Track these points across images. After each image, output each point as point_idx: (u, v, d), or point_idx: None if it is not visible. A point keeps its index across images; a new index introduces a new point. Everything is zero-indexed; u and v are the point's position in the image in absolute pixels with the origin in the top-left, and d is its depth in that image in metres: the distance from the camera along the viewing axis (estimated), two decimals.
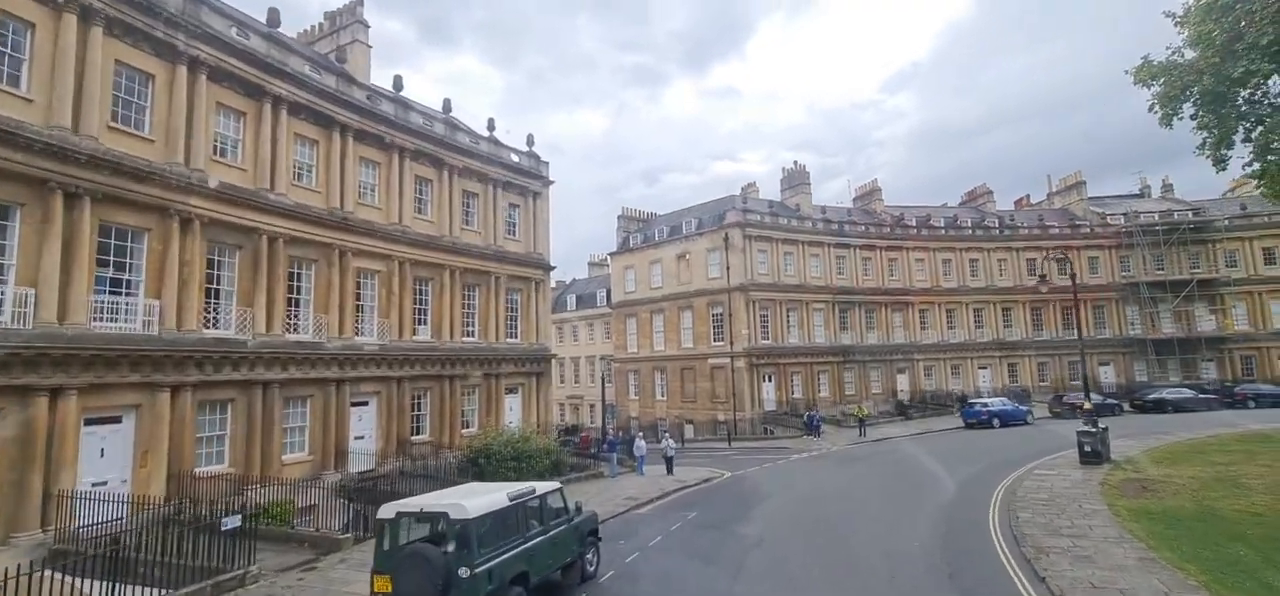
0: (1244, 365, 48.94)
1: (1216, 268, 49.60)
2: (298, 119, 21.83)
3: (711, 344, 45.15)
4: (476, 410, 27.80)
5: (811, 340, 45.65)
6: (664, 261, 49.62)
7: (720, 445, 38.57)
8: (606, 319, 56.84)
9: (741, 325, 43.13)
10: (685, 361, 46.74)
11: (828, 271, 47.32)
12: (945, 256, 51.11)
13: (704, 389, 45.14)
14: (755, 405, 42.60)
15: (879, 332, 48.52)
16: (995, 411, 35.72)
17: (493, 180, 29.59)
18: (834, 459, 28.25)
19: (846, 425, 40.37)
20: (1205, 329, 48.98)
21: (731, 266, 44.01)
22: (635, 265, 52.15)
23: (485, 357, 27.84)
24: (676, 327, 47.90)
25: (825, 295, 46.70)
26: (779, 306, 44.76)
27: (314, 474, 20.65)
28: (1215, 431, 27.97)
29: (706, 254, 46.23)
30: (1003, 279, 51.50)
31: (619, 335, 53.03)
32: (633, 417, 50.56)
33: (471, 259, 27.95)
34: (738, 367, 42.93)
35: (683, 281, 47.82)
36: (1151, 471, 19.38)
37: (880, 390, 47.87)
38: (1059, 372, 50.79)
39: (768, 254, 45.22)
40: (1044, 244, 52.01)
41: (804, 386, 44.86)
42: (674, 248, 48.98)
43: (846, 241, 48.40)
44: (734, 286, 43.60)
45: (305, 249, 21.54)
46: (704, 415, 44.70)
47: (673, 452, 24.62)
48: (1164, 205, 54.14)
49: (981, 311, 51.07)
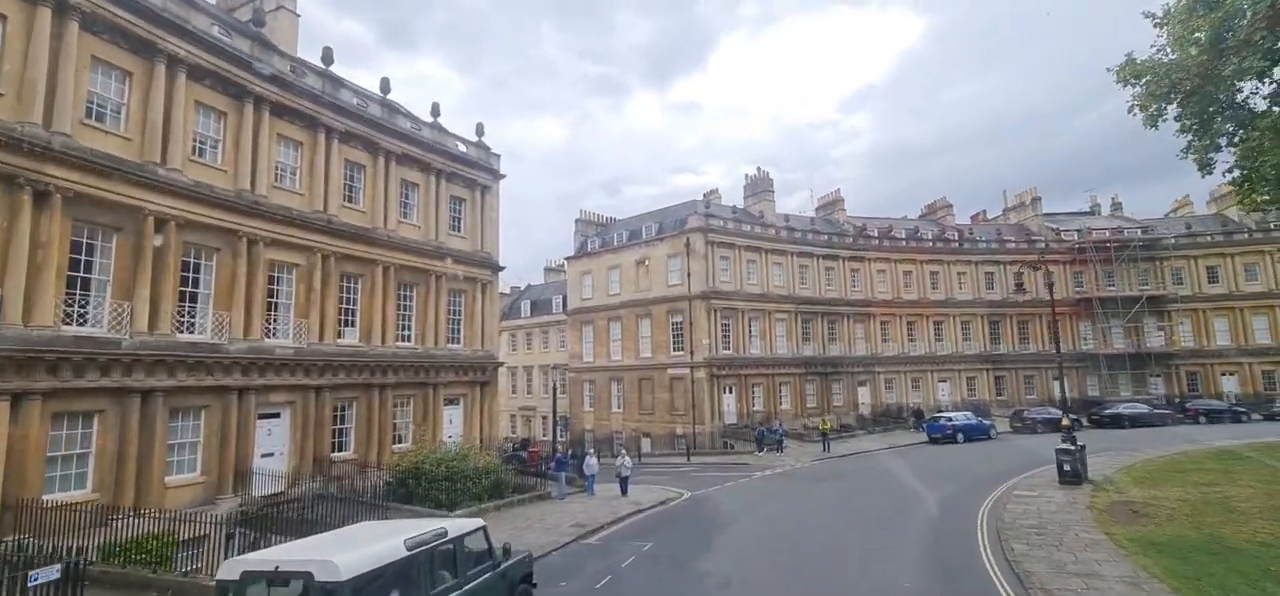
0: (1189, 380, 49.94)
1: (1164, 285, 50.60)
2: (201, 85, 18.88)
3: (671, 354, 43.20)
4: (411, 423, 24.98)
5: (774, 351, 44.23)
6: (623, 267, 47.52)
7: (679, 459, 36.55)
8: (562, 326, 54.31)
9: (702, 334, 41.35)
10: (643, 372, 44.65)
11: (791, 281, 46.08)
12: (907, 268, 50.64)
13: (662, 400, 43.11)
14: (715, 418, 40.79)
15: (841, 344, 47.52)
16: (959, 426, 34.82)
17: (436, 170, 26.96)
18: (800, 477, 26.53)
19: (809, 439, 38.94)
20: (1154, 345, 49.80)
21: (692, 273, 42.24)
22: (593, 270, 49.88)
23: (422, 365, 25.10)
24: (635, 336, 45.79)
25: (788, 305, 45.41)
26: (741, 315, 43.19)
27: (207, 498, 17.63)
28: (1182, 448, 27.47)
29: (667, 260, 44.36)
30: (962, 292, 51.36)
31: (575, 343, 50.58)
32: (587, 430, 48.10)
33: (409, 255, 25.23)
34: (698, 379, 41.07)
35: (642, 288, 45.81)
36: (1136, 493, 18.22)
37: (842, 403, 46.80)
38: (1015, 387, 50.82)
39: (730, 261, 43.66)
40: (1002, 258, 52.23)
41: (766, 399, 43.33)
42: (633, 253, 46.96)
43: (810, 250, 47.33)
44: (695, 294, 41.82)
45: (205, 235, 18.54)
46: (662, 428, 42.65)
47: (628, 473, 22.42)
48: (1114, 222, 55.21)
49: (942, 325, 50.74)
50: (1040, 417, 37.78)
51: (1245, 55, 16.09)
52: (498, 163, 30.55)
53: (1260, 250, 49.87)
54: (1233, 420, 39.16)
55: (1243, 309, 49.59)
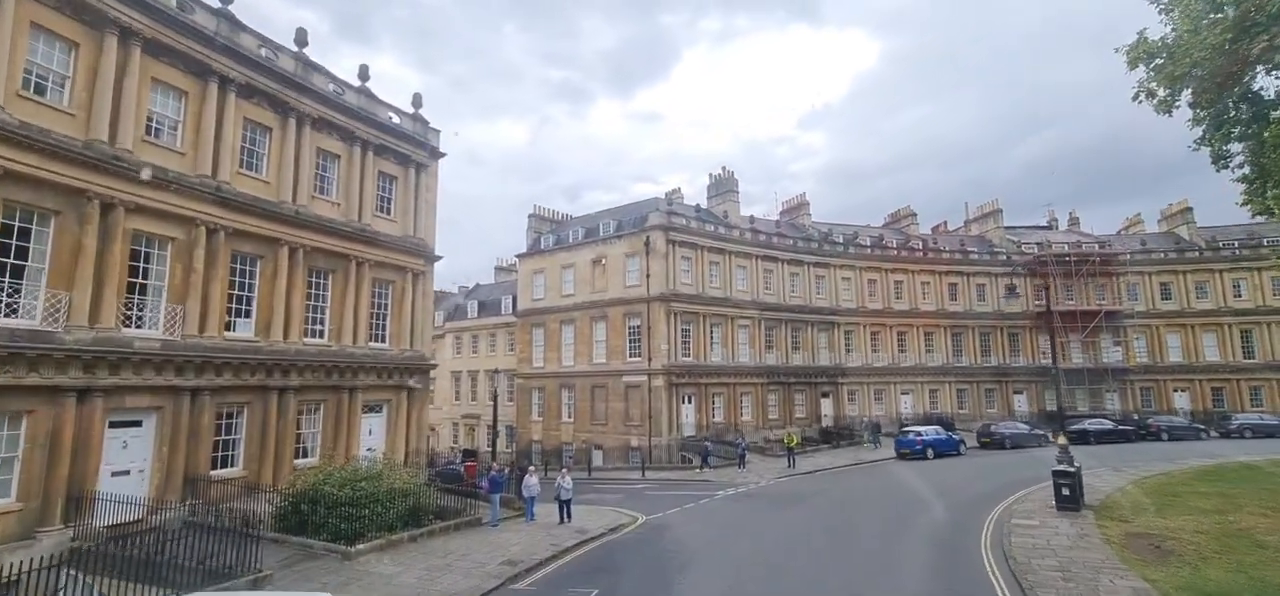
0: (1143, 396, 50.04)
1: (1120, 300, 50.67)
2: (42, 5, 14.96)
3: (626, 359, 40.22)
4: (320, 435, 21.22)
5: (736, 359, 41.79)
6: (577, 266, 44.36)
7: (633, 475, 33.53)
8: (511, 328, 50.67)
9: (661, 339, 38.54)
10: (596, 378, 41.52)
11: (754, 285, 43.82)
12: (871, 276, 49.18)
13: (616, 410, 40.04)
14: (673, 429, 37.98)
15: (804, 354, 45.51)
16: (929, 441, 33.01)
17: (361, 141, 23.34)
18: (767, 499, 23.88)
19: (771, 453, 36.54)
20: (1111, 360, 49.68)
21: (652, 273, 39.45)
22: (546, 269, 46.54)
23: (336, 365, 21.39)
24: (588, 340, 42.64)
25: (751, 311, 43.11)
26: (702, 320, 40.61)
27: (22, 531, 13.64)
28: (1162, 468, 26.12)
29: (625, 259, 41.45)
30: (926, 303, 50.22)
31: (524, 347, 47.04)
32: (535, 441, 44.60)
33: (324, 236, 21.54)
34: (655, 387, 38.21)
35: (597, 289, 42.74)
36: (1145, 522, 16.22)
37: (804, 415, 44.74)
38: (976, 400, 49.89)
39: (692, 262, 41.07)
40: (966, 269, 51.42)
41: (726, 409, 40.81)
42: (589, 251, 43.87)
43: (774, 254, 45.23)
44: (654, 296, 39.01)
45: (37, 194, 14.60)
46: (615, 440, 39.57)
47: (568, 494, 19.21)
48: (1073, 237, 55.28)
49: (905, 336, 49.43)
50: (1008, 432, 36.44)
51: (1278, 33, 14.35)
52: (437, 140, 27.06)
53: (1210, 268, 50.48)
54: (1193, 437, 38.74)
55: (1194, 326, 50.04)
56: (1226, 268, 50.18)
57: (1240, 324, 49.22)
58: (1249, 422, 39.07)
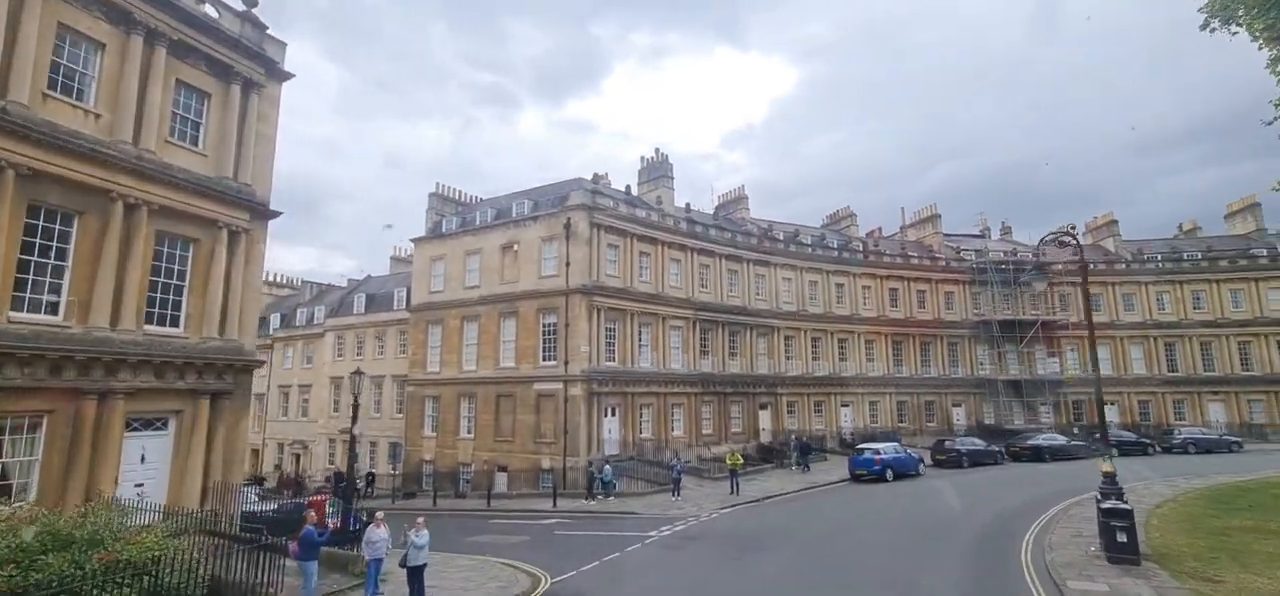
0: (1074, 409, 48.94)
1: (1054, 311, 49.51)
2: None
3: (539, 363, 33.78)
4: (41, 464, 13.54)
5: (667, 365, 36.29)
6: (485, 252, 37.50)
7: (542, 505, 27.11)
8: (403, 326, 42.86)
9: (581, 339, 32.42)
10: (503, 385, 34.78)
11: (689, 282, 38.60)
12: (812, 278, 45.28)
13: (526, 424, 33.45)
14: (594, 446, 31.88)
15: (742, 360, 40.73)
16: (889, 461, 28.73)
17: (147, 29, 15.88)
18: (716, 543, 18.25)
19: (709, 476, 31.16)
20: (1047, 371, 48.23)
21: (573, 261, 33.32)
22: (446, 256, 39.32)
23: (73, 356, 13.83)
24: (495, 340, 35.83)
25: (685, 310, 37.82)
26: (630, 319, 34.85)
27: None
28: (1160, 490, 22.71)
29: (541, 245, 35.08)
30: (866, 308, 46.93)
31: (417, 347, 39.48)
32: (426, 461, 37.12)
33: (66, 159, 14.00)
34: (573, 396, 32.00)
35: (508, 280, 36.08)
36: (1236, 581, 11.80)
37: (741, 429, 39.86)
38: (916, 413, 46.98)
39: (619, 252, 35.29)
40: (906, 274, 48.68)
41: (656, 423, 35.16)
42: (499, 235, 37.15)
43: (712, 248, 40.25)
44: (574, 288, 32.88)
45: None
46: (524, 460, 32.94)
47: (422, 558, 12.38)
48: (1006, 245, 54.08)
49: (846, 343, 45.82)
50: (965, 449, 32.96)
51: None
52: (281, 55, 19.82)
53: (1137, 281, 50.34)
54: (1140, 453, 36.99)
55: (1122, 338, 49.59)
56: (1151, 280, 50.18)
57: (1165, 337, 49.17)
58: (1192, 437, 37.83)
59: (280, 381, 50.33)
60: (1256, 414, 46.76)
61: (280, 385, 50.29)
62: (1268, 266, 48.69)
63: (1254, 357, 47.65)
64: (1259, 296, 48.22)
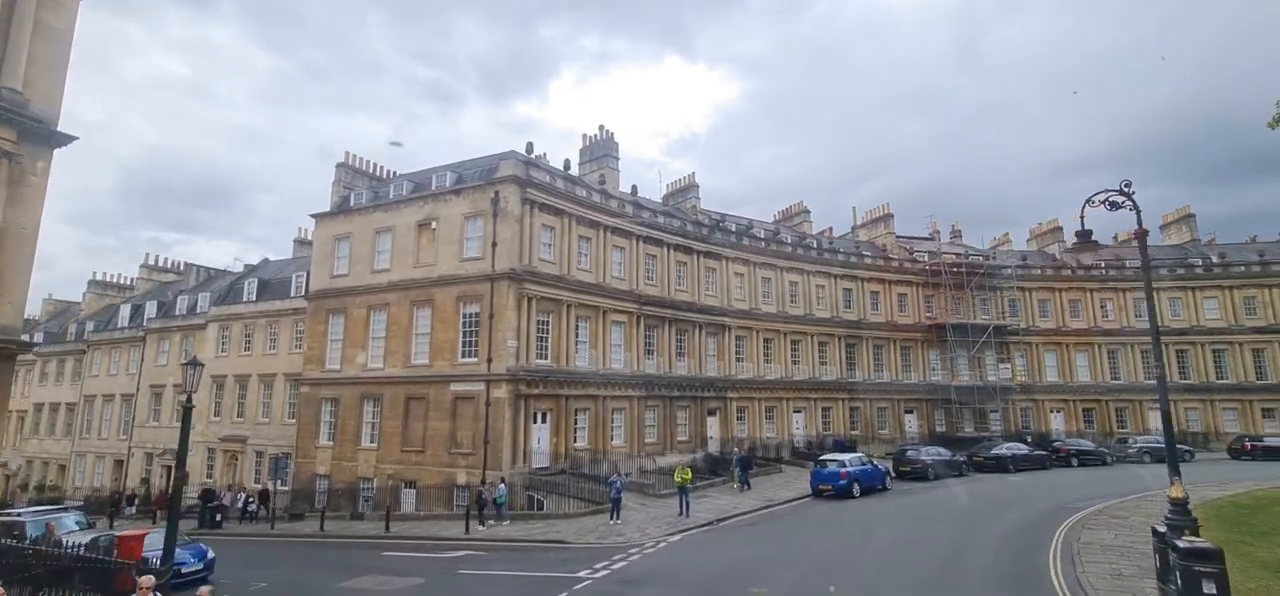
0: (1022, 417, 47.91)
1: (1004, 316, 48.41)
2: None
3: (458, 360, 28.85)
4: None
5: (607, 365, 32.04)
6: (398, 231, 32.19)
7: (451, 532, 22.26)
8: (300, 316, 36.75)
9: (508, 332, 27.74)
10: (415, 386, 29.63)
11: (633, 272, 34.51)
12: (765, 274, 42.12)
13: (439, 431, 28.42)
14: (520, 459, 27.23)
15: (690, 361, 36.95)
16: (855, 474, 25.47)
17: None
18: (670, 588, 14.10)
19: (652, 493, 27.08)
20: (1001, 378, 46.90)
21: (501, 242, 28.61)
22: (353, 235, 33.71)
23: None
24: (406, 333, 30.60)
25: (629, 304, 33.70)
26: (566, 312, 30.42)
27: None
28: (1148, 504, 20.23)
29: (464, 223, 30.17)
30: (820, 308, 44.20)
31: (315, 341, 33.61)
32: (320, 475, 31.40)
33: None
34: (497, 398, 27.26)
35: (424, 263, 30.95)
36: None
37: (687, 437, 36.06)
38: (869, 419, 44.59)
39: (556, 234, 30.83)
40: (860, 273, 46.36)
41: (593, 431, 30.83)
42: (415, 211, 31.94)
43: (660, 237, 36.33)
44: (501, 273, 28.18)
45: None
46: (436, 474, 27.89)
47: None
48: (958, 248, 52.87)
49: (799, 344, 42.89)
50: (929, 459, 30.23)
51: None
52: None
53: (1082, 287, 49.99)
54: (1099, 462, 35.58)
55: (1068, 344, 49.03)
56: (1096, 287, 49.93)
57: (1108, 343, 48.91)
58: (1147, 446, 36.76)
59: (153, 380, 42.83)
60: (1193, 422, 46.93)
61: (152, 385, 42.79)
62: (1203, 276, 49.25)
63: (1191, 366, 47.95)
64: (1196, 305, 48.65)
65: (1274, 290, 47.60)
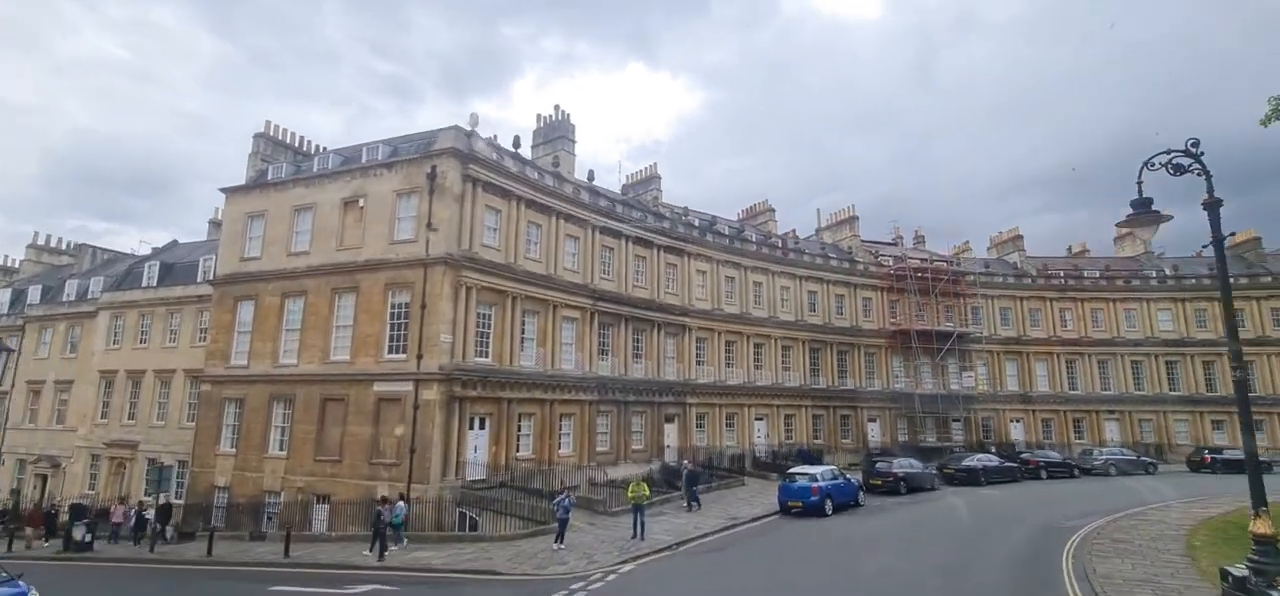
0: (983, 426, 47.03)
1: (967, 323, 47.48)
2: None
3: (384, 356, 25.24)
4: None
5: (557, 365, 28.92)
6: (320, 209, 28.32)
7: (361, 561, 18.67)
8: (206, 305, 32.26)
9: (442, 325, 24.34)
10: (333, 385, 25.85)
11: (588, 264, 31.52)
12: (729, 273, 39.74)
13: (360, 438, 24.72)
14: (452, 471, 23.82)
15: (647, 363, 34.15)
16: (827, 489, 23.12)
17: None
18: None
19: (603, 510, 24.06)
20: (964, 386, 45.83)
21: (438, 222, 25.19)
22: (269, 212, 29.62)
23: None
24: (326, 324, 26.78)
25: (582, 298, 30.69)
26: (511, 305, 27.19)
27: None
28: (1157, 516, 18.46)
29: (396, 200, 26.60)
30: (784, 310, 42.12)
31: (220, 333, 29.30)
32: (219, 488, 27.18)
33: None
34: (427, 401, 23.79)
35: (349, 245, 27.20)
36: None
37: (643, 447, 33.22)
38: (832, 428, 42.72)
39: (502, 217, 27.59)
40: (826, 275, 44.57)
41: (539, 438, 27.63)
42: (341, 186, 28.16)
43: (618, 228, 33.43)
44: (436, 257, 24.76)
45: None
46: (353, 487, 24.17)
47: None
48: (923, 254, 51.83)
49: (762, 348, 40.65)
50: (902, 472, 28.22)
51: None
52: None
53: (1042, 296, 49.59)
54: (1067, 475, 34.47)
55: (1028, 353, 48.49)
56: (1055, 297, 49.62)
57: (1067, 353, 48.58)
58: (1112, 458, 35.94)
59: (31, 375, 37.25)
60: (1147, 433, 46.95)
61: (30, 381, 37.21)
62: (1157, 288, 49.54)
63: (1145, 377, 48.03)
64: (1150, 317, 48.83)
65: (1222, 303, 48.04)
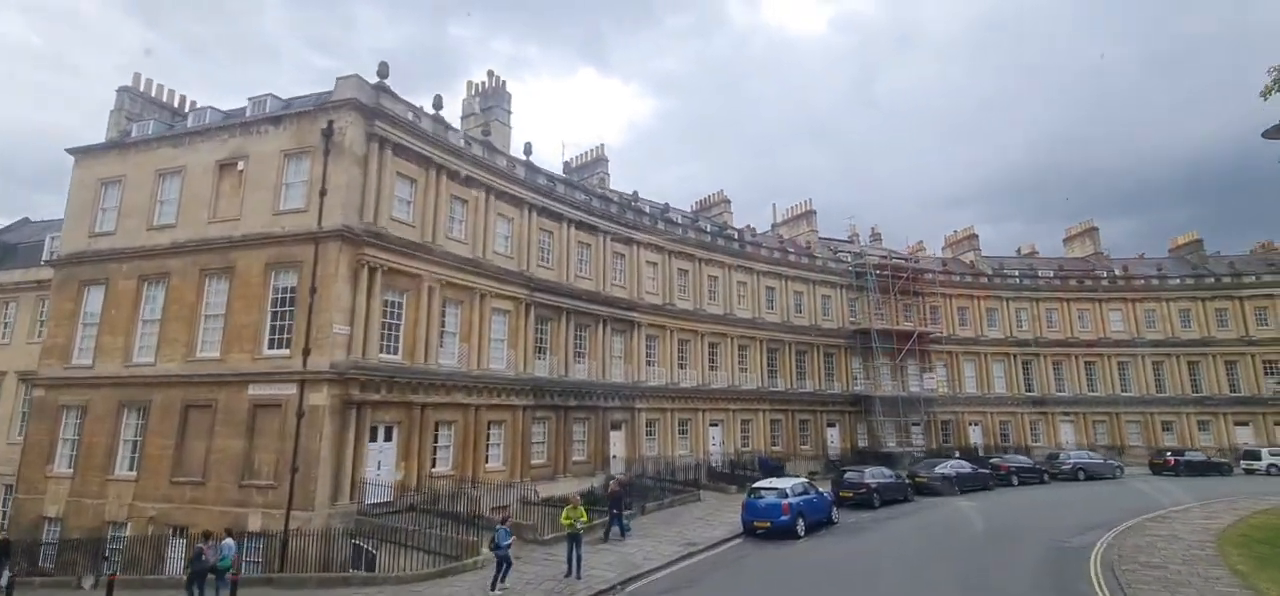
0: (942, 429, 45.29)
1: (927, 323, 45.72)
2: None
3: (263, 352, 20.44)
4: None
5: (483, 364, 24.67)
6: (190, 174, 23.18)
7: None
8: (46, 290, 26.32)
9: (337, 313, 19.77)
10: (198, 389, 20.82)
11: (523, 250, 27.41)
12: (682, 265, 36.33)
13: (229, 454, 19.80)
14: (346, 491, 19.27)
15: (592, 364, 30.27)
16: (799, 507, 19.82)
17: None
18: None
19: (537, 539, 20.00)
20: (923, 388, 43.89)
21: (334, 189, 20.62)
22: (127, 179, 24.21)
23: None
24: (192, 314, 21.69)
25: (516, 287, 26.56)
26: (428, 292, 22.81)
27: None
28: (1158, 528, 15.91)
29: (285, 163, 21.84)
30: (741, 307, 39.05)
31: (61, 325, 23.63)
32: (49, 519, 21.59)
33: None
34: (315, 406, 19.17)
35: (223, 217, 22.21)
36: None
37: (585, 458, 29.32)
38: (790, 434, 39.87)
39: (419, 189, 23.20)
40: (784, 270, 41.79)
41: (460, 451, 23.31)
42: (216, 146, 23.10)
43: (557, 209, 29.46)
44: (331, 230, 20.19)
45: None
46: (220, 517, 19.19)
47: None
48: (882, 250, 49.96)
49: (718, 348, 37.40)
50: (876, 482, 25.32)
51: None
52: None
53: (999, 296, 48.48)
54: (1037, 480, 32.64)
55: (986, 355, 47.18)
56: (1011, 297, 48.60)
57: (1023, 354, 47.55)
58: (1080, 462, 34.40)
59: None
60: (1101, 436, 46.31)
61: None
62: (1108, 289, 49.23)
63: (1099, 378, 47.49)
64: (1102, 317, 48.41)
65: (1170, 303, 48.18)
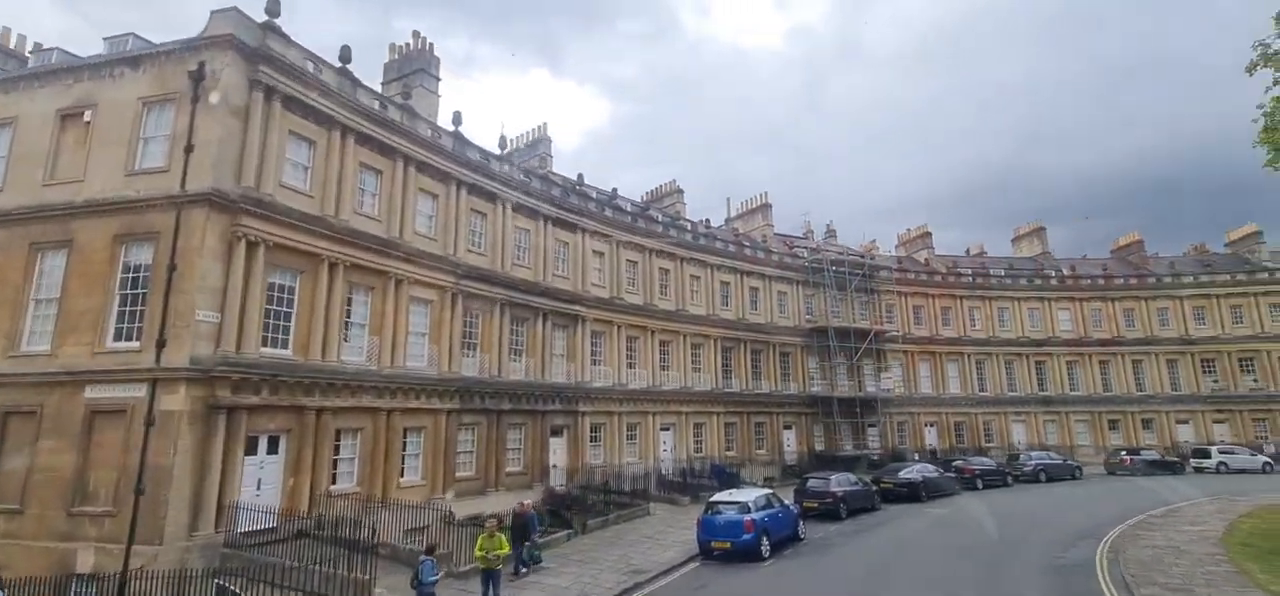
0: (898, 431, 44.02)
1: (882, 321, 44.40)
2: None
3: (107, 344, 16.31)
4: None
5: (400, 362, 21.06)
6: (23, 126, 18.73)
7: None
8: None
9: (202, 297, 15.89)
10: (20, 392, 16.50)
11: (450, 232, 23.92)
12: (632, 256, 33.45)
13: (56, 473, 15.59)
14: (213, 518, 15.39)
15: (530, 362, 26.97)
16: (763, 523, 17.18)
17: None
18: None
19: (455, 571, 16.60)
20: (880, 388, 42.42)
21: (202, 143, 16.72)
22: None
23: None
24: (18, 299, 17.33)
25: (441, 274, 23.05)
26: (328, 275, 19.07)
27: None
28: (1161, 531, 14.00)
29: (144, 113, 17.74)
30: (695, 303, 36.49)
31: None
32: None
33: None
34: (167, 412, 15.23)
35: (63, 178, 17.92)
36: None
37: (521, 468, 26.00)
38: (745, 437, 37.52)
39: (318, 152, 19.45)
40: (739, 264, 39.49)
41: (367, 464, 19.65)
42: (57, 93, 18.72)
43: (493, 189, 26.07)
44: (197, 194, 16.30)
45: None
46: (40, 556, 15.02)
47: None
48: (838, 247, 48.46)
49: (669, 346, 34.69)
50: (842, 489, 23.05)
51: None
52: None
53: (953, 294, 47.74)
54: (1001, 482, 31.29)
55: (940, 354, 46.27)
56: (965, 295, 47.95)
57: (976, 353, 46.90)
58: (1042, 464, 33.35)
59: None
60: (1050, 435, 46.07)
61: None
62: (1057, 288, 49.28)
63: (1049, 378, 47.31)
64: (1051, 317, 48.35)
65: (1116, 302, 48.57)
